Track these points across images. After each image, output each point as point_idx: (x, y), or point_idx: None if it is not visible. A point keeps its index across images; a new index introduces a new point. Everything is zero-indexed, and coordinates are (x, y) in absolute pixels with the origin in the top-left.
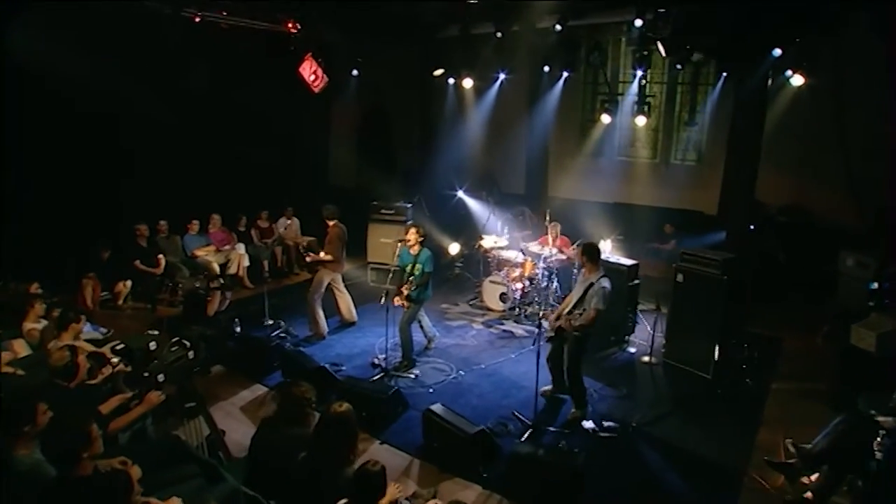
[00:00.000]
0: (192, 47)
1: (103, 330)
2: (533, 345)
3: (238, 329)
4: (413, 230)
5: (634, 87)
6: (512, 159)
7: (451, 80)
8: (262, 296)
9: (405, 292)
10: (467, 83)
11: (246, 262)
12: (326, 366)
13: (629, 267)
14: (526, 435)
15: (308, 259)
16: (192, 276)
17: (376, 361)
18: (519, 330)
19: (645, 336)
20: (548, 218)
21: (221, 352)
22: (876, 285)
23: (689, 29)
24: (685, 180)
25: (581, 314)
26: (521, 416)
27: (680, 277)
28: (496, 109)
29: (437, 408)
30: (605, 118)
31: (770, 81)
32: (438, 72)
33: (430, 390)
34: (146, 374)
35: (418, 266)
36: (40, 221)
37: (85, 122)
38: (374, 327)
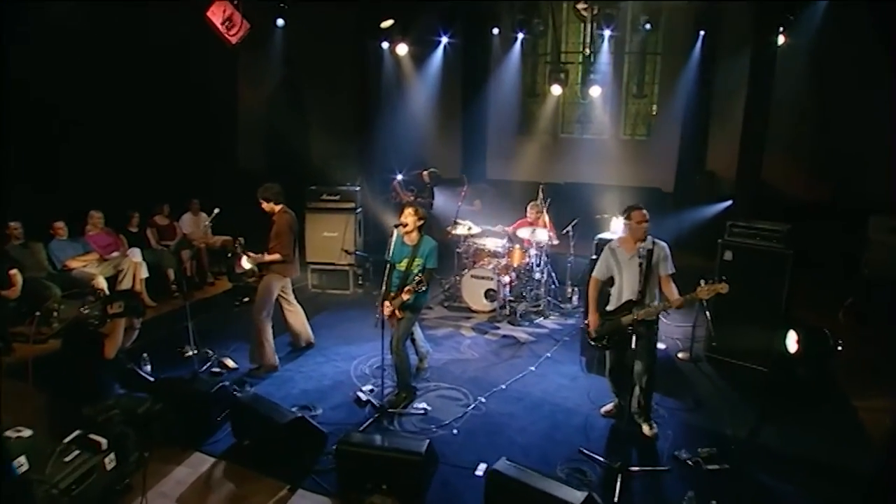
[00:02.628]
0: None
1: None
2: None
3: (148, 367)
4: (410, 211)
5: (602, 53)
6: (448, 138)
7: (386, 45)
8: (174, 316)
9: (405, 298)
10: (401, 49)
11: (144, 273)
12: (297, 410)
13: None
14: (619, 485)
15: (245, 262)
16: (74, 298)
17: (362, 396)
18: (521, 334)
19: (669, 329)
20: (541, 195)
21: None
22: None
23: None
24: (636, 156)
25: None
26: (594, 455)
27: (728, 255)
28: (434, 81)
29: (503, 467)
30: (556, 89)
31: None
32: (387, 23)
33: (455, 431)
34: None
35: (418, 261)
36: None
37: None
38: (336, 347)
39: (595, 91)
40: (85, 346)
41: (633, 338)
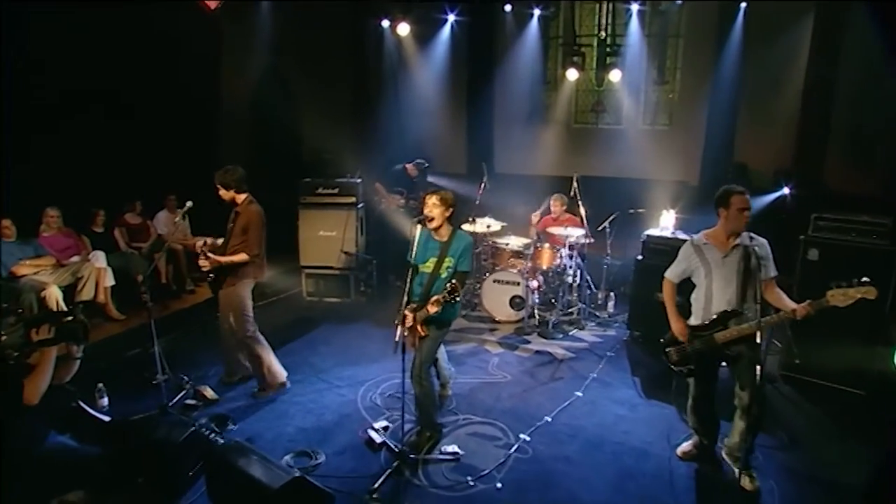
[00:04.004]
0: None
1: None
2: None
3: (106, 402)
4: (435, 200)
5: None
6: (455, 127)
7: (387, 24)
8: (146, 332)
9: (431, 310)
10: (403, 29)
11: (109, 281)
12: (292, 459)
13: None
14: None
15: (206, 260)
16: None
17: (375, 437)
18: (557, 349)
19: None
20: (575, 183)
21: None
22: None
23: None
24: (658, 147)
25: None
26: None
27: (813, 254)
28: (440, 64)
29: None
30: (572, 73)
31: None
32: None
33: (498, 485)
34: None
35: (448, 261)
36: None
37: None
38: (338, 369)
39: (615, 76)
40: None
41: (731, 360)
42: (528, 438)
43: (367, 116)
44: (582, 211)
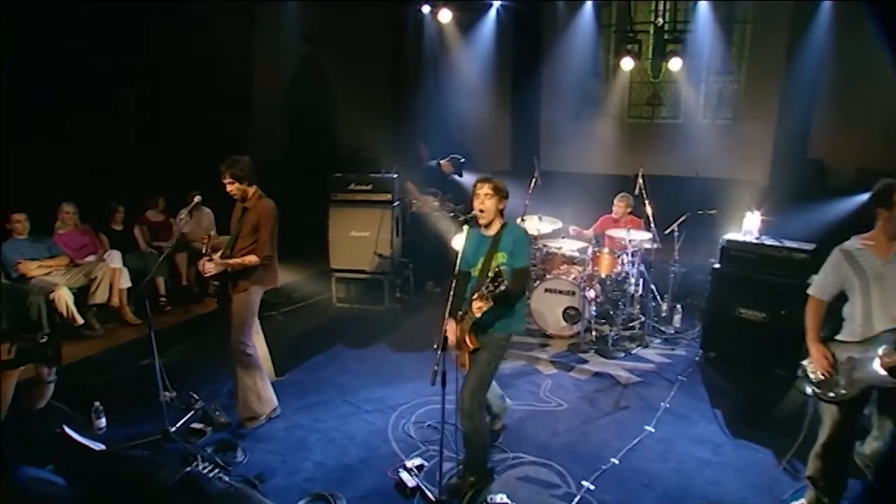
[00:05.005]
0: None
1: None
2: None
3: (103, 423)
4: (488, 190)
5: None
6: (499, 121)
7: (427, 9)
8: (162, 340)
9: (475, 312)
10: (445, 15)
11: (125, 282)
12: None
13: (809, 253)
14: None
15: (211, 263)
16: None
17: (408, 480)
18: (619, 371)
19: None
20: (640, 180)
21: None
22: None
23: None
24: (721, 143)
25: None
26: None
27: None
28: (484, 53)
29: None
30: (627, 63)
31: None
32: None
33: None
34: None
35: (500, 256)
36: None
37: None
38: (367, 389)
39: (675, 64)
40: None
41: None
42: (592, 487)
43: (405, 108)
44: (649, 211)
